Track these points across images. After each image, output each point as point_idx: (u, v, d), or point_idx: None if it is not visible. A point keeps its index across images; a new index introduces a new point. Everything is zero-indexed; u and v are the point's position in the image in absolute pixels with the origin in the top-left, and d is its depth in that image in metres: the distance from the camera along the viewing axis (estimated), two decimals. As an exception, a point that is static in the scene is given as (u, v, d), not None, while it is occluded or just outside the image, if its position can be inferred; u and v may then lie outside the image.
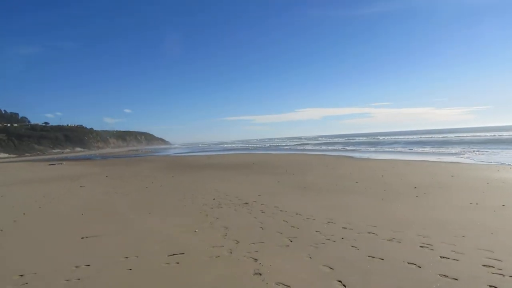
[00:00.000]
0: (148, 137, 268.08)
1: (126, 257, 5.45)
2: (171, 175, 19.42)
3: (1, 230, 7.74)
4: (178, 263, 5.13)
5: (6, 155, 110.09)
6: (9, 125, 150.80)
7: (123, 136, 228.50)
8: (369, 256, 5.03)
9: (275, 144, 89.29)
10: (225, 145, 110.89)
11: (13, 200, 12.53)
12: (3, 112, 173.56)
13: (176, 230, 7.00)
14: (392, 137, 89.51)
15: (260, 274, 4.55)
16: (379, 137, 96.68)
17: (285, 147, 65.04)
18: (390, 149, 40.49)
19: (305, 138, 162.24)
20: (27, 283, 4.61)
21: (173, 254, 5.50)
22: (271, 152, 48.13)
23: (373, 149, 42.50)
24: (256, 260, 5.07)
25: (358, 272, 4.49)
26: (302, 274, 4.53)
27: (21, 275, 4.88)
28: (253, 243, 5.88)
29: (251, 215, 8.06)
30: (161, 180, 16.90)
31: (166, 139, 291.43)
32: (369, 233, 6.23)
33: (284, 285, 4.23)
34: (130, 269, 4.94)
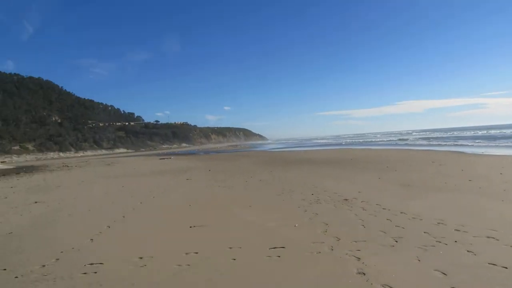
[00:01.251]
0: (246, 133, 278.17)
1: (230, 248, 5.71)
2: (269, 170, 19.83)
3: (123, 217, 8.72)
4: (279, 256, 5.21)
5: (125, 150, 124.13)
6: (127, 123, 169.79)
7: (223, 132, 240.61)
8: (489, 263, 4.51)
9: (373, 139, 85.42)
10: (320, 141, 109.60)
11: (131, 190, 14.03)
12: (122, 112, 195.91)
13: (276, 224, 7.12)
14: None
15: (364, 274, 4.38)
16: (495, 130, 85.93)
17: (384, 142, 61.77)
18: (511, 144, 35.70)
19: (406, 132, 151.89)
20: (145, 265, 5.12)
21: (274, 248, 5.60)
22: (369, 147, 46.18)
23: (488, 143, 37.90)
24: (359, 259, 4.90)
25: (476, 281, 4.05)
26: (410, 277, 4.25)
27: (140, 258, 5.43)
28: (355, 241, 5.70)
29: (352, 212, 7.82)
30: (260, 175, 17.35)
31: (264, 135, 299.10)
32: (488, 237, 5.58)
33: (391, 287, 4.01)
34: (234, 259, 5.17)
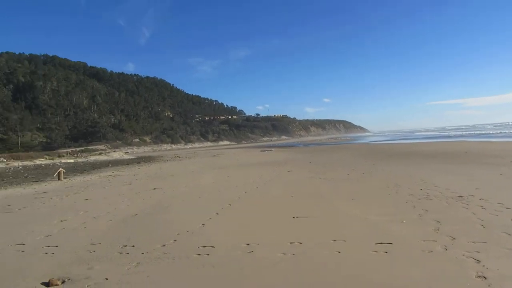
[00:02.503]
0: (347, 125, 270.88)
1: (334, 240, 5.68)
2: (371, 163, 19.08)
3: (230, 205, 9.26)
4: (386, 252, 5.02)
5: (228, 142, 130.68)
6: (230, 117, 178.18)
7: (322, 124, 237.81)
8: None
9: (490, 131, 76.01)
10: (428, 133, 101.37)
11: (236, 180, 14.77)
12: (225, 106, 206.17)
13: (382, 219, 6.84)
14: None
15: (485, 278, 3.99)
16: None
17: (506, 134, 54.49)
18: None
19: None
20: (252, 251, 5.38)
21: (381, 243, 5.41)
22: (487, 139, 41.29)
23: None
24: (478, 261, 4.46)
25: None
26: (543, 286, 3.74)
27: (248, 244, 5.72)
28: (473, 242, 5.19)
29: (468, 211, 7.12)
30: (362, 168, 16.80)
31: (365, 127, 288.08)
32: None
33: (519, 295, 3.59)
34: (339, 252, 5.13)
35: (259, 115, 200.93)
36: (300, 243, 5.63)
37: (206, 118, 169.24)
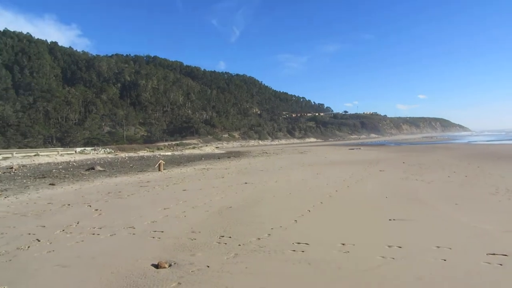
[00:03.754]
0: (444, 123, 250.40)
1: (438, 247, 5.28)
2: (475, 165, 17.36)
3: (321, 203, 9.16)
4: (501, 264, 4.52)
5: (314, 139, 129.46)
6: (317, 114, 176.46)
7: (416, 122, 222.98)
8: None
9: None
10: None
11: (325, 178, 14.57)
12: (312, 103, 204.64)
13: (493, 228, 6.18)
14: None
15: None
16: None
17: None
18: None
19: None
20: (349, 251, 5.25)
21: (494, 254, 4.89)
22: None
23: None
24: None
25: None
26: None
27: (343, 244, 5.60)
28: None
29: None
30: (464, 170, 15.39)
31: (465, 125, 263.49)
32: None
33: None
34: (444, 260, 4.75)
35: (347, 112, 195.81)
36: (400, 247, 5.34)
37: (293, 115, 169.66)
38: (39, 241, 6.32)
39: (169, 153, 47.63)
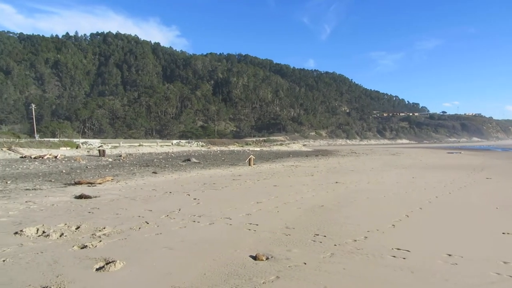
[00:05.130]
0: None
1: None
2: None
3: (420, 208, 8.60)
4: None
5: (406, 141, 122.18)
6: (410, 114, 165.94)
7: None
8: None
9: None
10: None
11: (422, 182, 13.64)
12: (406, 102, 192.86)
13: None
14: None
15: None
16: None
17: None
18: None
19: None
20: (456, 263, 4.84)
21: None
22: None
23: None
24: None
25: None
26: None
27: (449, 255, 5.19)
28: None
29: None
30: None
31: None
32: None
33: None
34: None
35: (446, 113, 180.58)
36: (518, 264, 4.78)
37: (384, 115, 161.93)
38: (147, 223, 6.95)
39: (258, 149, 48.86)
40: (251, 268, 4.67)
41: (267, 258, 5.02)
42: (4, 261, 4.76)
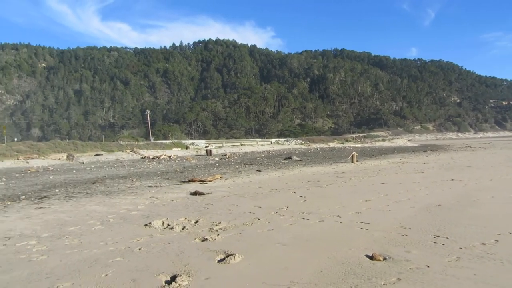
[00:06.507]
0: None
1: None
2: None
3: None
4: None
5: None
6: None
7: None
8: None
9: None
10: None
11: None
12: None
13: None
14: None
15: None
16: None
17: None
18: None
19: None
20: None
21: None
22: None
23: None
24: None
25: None
26: None
27: None
28: None
29: None
30: None
31: None
32: None
33: None
34: None
35: None
36: None
37: (504, 103, 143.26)
38: (259, 219, 7.19)
39: (359, 145, 47.32)
40: (369, 268, 4.52)
41: (384, 259, 4.81)
42: (140, 249, 5.37)
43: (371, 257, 4.86)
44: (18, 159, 25.98)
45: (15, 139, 59.28)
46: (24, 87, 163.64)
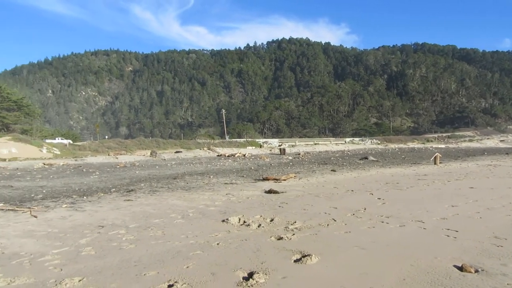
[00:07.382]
0: None
1: None
2: None
3: None
4: None
5: None
6: None
7: None
8: None
9: None
10: None
11: None
12: None
13: None
14: None
15: None
16: None
17: None
18: None
19: None
20: None
21: None
22: None
23: None
24: None
25: None
26: None
27: None
28: None
29: None
30: None
31: None
32: None
33: None
34: None
35: None
36: None
37: None
38: (335, 221, 7.02)
39: (442, 146, 44.18)
40: (458, 279, 4.16)
41: (476, 271, 4.39)
42: (218, 244, 5.54)
43: (461, 268, 4.47)
44: (109, 155, 28.53)
45: (106, 137, 65.28)
46: (113, 89, 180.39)
